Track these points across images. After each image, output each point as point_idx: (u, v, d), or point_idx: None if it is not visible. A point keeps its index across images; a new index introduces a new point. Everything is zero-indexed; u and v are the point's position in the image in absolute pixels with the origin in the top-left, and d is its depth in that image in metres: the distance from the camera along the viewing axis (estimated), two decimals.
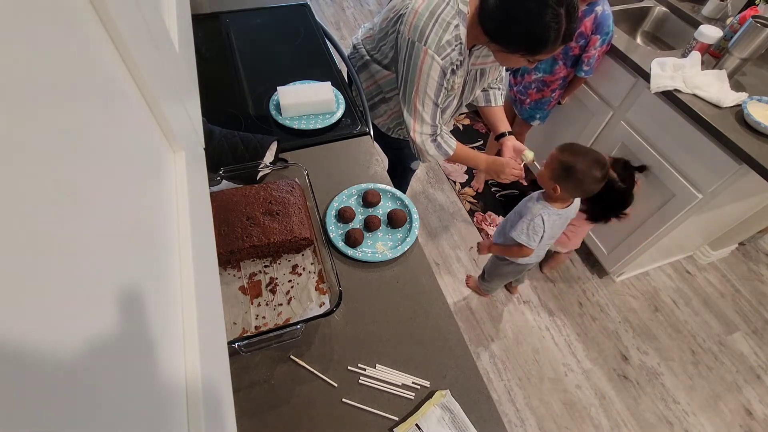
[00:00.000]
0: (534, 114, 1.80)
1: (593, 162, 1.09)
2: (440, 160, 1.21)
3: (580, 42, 1.48)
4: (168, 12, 0.49)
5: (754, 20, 1.31)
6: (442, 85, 1.03)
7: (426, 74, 1.00)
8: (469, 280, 1.89)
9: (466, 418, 0.74)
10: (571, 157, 1.10)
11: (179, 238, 0.38)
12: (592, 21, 1.43)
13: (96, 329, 0.21)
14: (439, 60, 0.97)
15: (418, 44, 0.97)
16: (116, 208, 0.27)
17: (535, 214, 1.20)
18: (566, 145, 1.15)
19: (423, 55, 0.97)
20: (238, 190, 0.91)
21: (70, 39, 0.24)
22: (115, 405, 0.23)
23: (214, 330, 0.42)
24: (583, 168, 1.08)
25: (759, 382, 1.74)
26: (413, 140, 1.14)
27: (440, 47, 0.96)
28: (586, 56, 1.51)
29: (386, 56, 1.13)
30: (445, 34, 0.95)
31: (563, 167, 1.11)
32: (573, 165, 1.09)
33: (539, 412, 1.59)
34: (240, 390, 0.74)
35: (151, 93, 0.35)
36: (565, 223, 1.28)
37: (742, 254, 2.16)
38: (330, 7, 3.37)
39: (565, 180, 1.12)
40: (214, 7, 1.50)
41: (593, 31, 1.44)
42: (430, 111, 1.08)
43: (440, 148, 1.17)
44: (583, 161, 1.08)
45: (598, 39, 1.45)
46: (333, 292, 0.80)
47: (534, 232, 1.22)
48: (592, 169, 1.08)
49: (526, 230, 1.22)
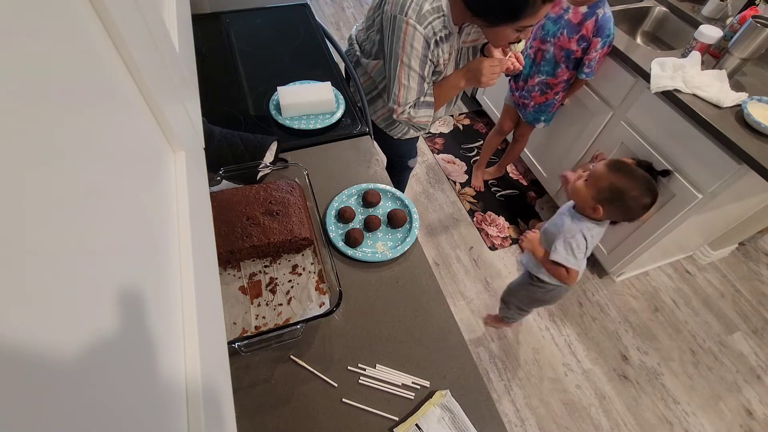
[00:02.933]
0: (538, 117, 1.80)
1: (647, 188, 0.99)
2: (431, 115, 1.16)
3: (582, 45, 1.49)
4: (168, 12, 0.49)
5: (754, 20, 1.31)
6: (426, 56, 1.02)
7: (410, 46, 0.99)
8: (487, 320, 1.76)
9: (466, 418, 0.74)
10: (625, 180, 0.99)
11: (179, 238, 0.38)
12: (593, 24, 1.43)
13: (95, 329, 0.21)
14: (421, 29, 0.96)
15: (400, 17, 0.97)
16: (116, 208, 0.27)
17: (575, 232, 1.09)
18: (618, 164, 1.03)
19: (405, 26, 0.97)
20: (238, 190, 0.91)
21: (69, 39, 0.24)
22: (115, 405, 0.23)
23: (214, 330, 0.42)
24: (636, 195, 0.98)
25: (759, 382, 1.74)
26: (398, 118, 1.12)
27: (421, 16, 0.95)
28: (587, 58, 1.51)
29: (374, 43, 1.13)
30: (425, 4, 0.95)
31: (613, 190, 1.00)
32: (625, 190, 0.98)
33: (539, 412, 1.59)
34: (240, 390, 0.74)
35: (151, 93, 0.35)
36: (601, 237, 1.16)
37: (742, 254, 2.16)
38: (330, 7, 3.37)
39: (611, 203, 1.01)
40: (214, 7, 1.50)
41: (594, 33, 1.44)
42: (416, 85, 1.05)
43: (421, 106, 1.13)
44: (637, 187, 0.98)
45: (599, 42, 1.45)
46: (333, 292, 0.80)
47: (579, 251, 1.09)
48: (644, 196, 0.98)
49: (571, 251, 1.09)
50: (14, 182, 0.17)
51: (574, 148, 1.90)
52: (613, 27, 1.44)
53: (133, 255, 0.28)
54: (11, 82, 0.18)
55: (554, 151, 2.05)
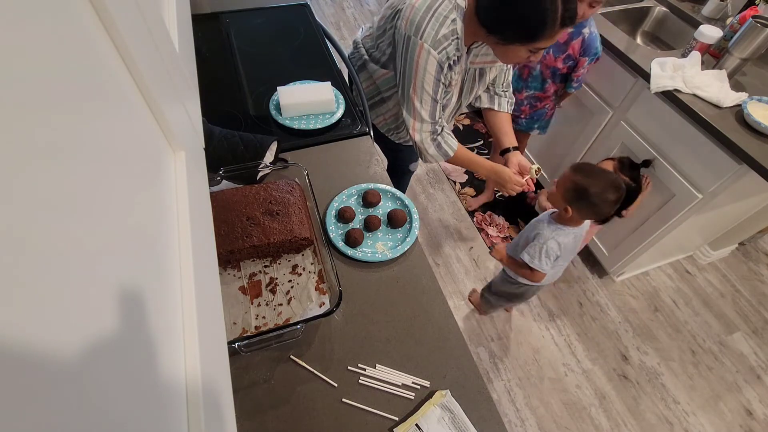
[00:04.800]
0: (531, 125, 1.80)
1: (609, 185, 1.04)
2: (440, 161, 1.19)
3: (568, 63, 1.50)
4: (168, 12, 0.49)
5: (754, 20, 1.31)
6: (439, 81, 1.02)
7: (423, 69, 0.99)
8: (472, 294, 1.86)
9: (466, 418, 0.74)
10: (585, 179, 1.05)
11: (179, 238, 0.38)
12: (579, 44, 1.43)
13: (96, 329, 0.21)
14: (436, 54, 0.96)
15: (414, 38, 0.96)
16: (116, 208, 0.27)
17: (547, 237, 1.16)
18: (580, 165, 1.10)
19: (419, 50, 0.97)
20: (238, 190, 0.91)
21: (69, 39, 0.24)
22: (115, 405, 0.23)
23: (214, 330, 0.42)
24: (597, 191, 1.03)
25: (759, 382, 1.74)
26: (413, 139, 1.13)
27: (436, 41, 0.95)
28: (575, 75, 1.53)
29: (384, 53, 1.13)
30: (441, 28, 0.95)
31: (576, 189, 1.06)
32: (587, 188, 1.04)
33: (539, 412, 1.59)
34: (240, 390, 0.74)
35: (151, 93, 0.35)
36: (579, 241, 1.24)
37: (742, 254, 2.16)
38: (330, 7, 3.37)
39: (578, 202, 1.07)
40: (214, 7, 1.50)
41: (581, 53, 1.45)
42: (429, 108, 1.07)
43: (440, 149, 1.16)
44: (598, 184, 1.03)
45: (586, 60, 1.46)
46: (333, 292, 0.80)
47: (547, 256, 1.16)
48: (606, 192, 1.03)
49: (539, 254, 1.17)
50: (14, 182, 0.17)
51: (574, 149, 1.90)
52: (599, 45, 1.46)
53: (133, 255, 0.28)
54: (11, 82, 0.18)
55: (554, 152, 2.05)
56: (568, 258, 1.28)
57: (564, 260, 1.26)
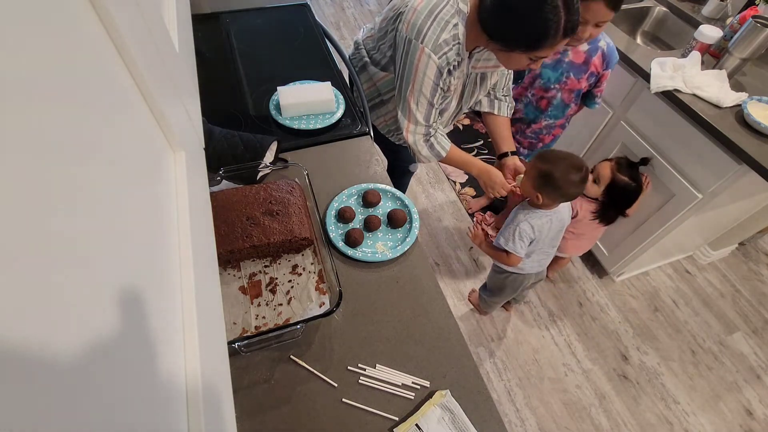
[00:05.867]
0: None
1: (570, 167, 1.08)
2: (434, 161, 1.20)
3: (591, 80, 1.44)
4: (168, 12, 0.49)
5: (754, 20, 1.31)
6: (438, 85, 1.02)
7: (422, 73, 0.99)
8: (472, 294, 1.86)
9: (466, 418, 0.74)
10: (548, 164, 1.10)
11: (179, 238, 0.38)
12: (600, 58, 1.37)
13: (96, 329, 0.21)
14: (436, 59, 0.96)
15: (415, 42, 0.96)
16: (116, 208, 0.27)
17: (520, 220, 1.21)
18: (542, 152, 1.15)
19: (419, 54, 0.97)
20: (238, 190, 0.91)
21: (69, 39, 0.24)
22: (115, 405, 0.23)
23: (214, 330, 0.42)
24: (560, 174, 1.08)
25: (759, 382, 1.74)
26: (406, 140, 1.14)
27: (437, 46, 0.95)
28: (597, 90, 1.48)
29: (384, 55, 1.13)
30: (443, 33, 0.95)
31: (541, 175, 1.11)
32: (550, 172, 1.09)
33: (539, 412, 1.59)
34: (240, 390, 0.74)
35: (151, 93, 0.35)
36: (562, 227, 1.27)
37: (742, 254, 2.16)
38: (330, 7, 3.36)
39: (545, 187, 1.12)
40: (214, 7, 1.50)
41: (604, 67, 1.40)
42: (425, 111, 1.07)
43: (433, 149, 1.16)
44: (559, 167, 1.08)
45: (609, 72, 1.41)
46: (333, 292, 0.80)
47: (521, 238, 1.21)
48: (569, 174, 1.08)
49: (512, 237, 1.22)
50: (14, 182, 0.17)
51: (573, 149, 1.90)
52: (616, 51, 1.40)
53: (133, 255, 0.28)
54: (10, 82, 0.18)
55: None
56: (550, 244, 1.30)
57: (544, 245, 1.29)
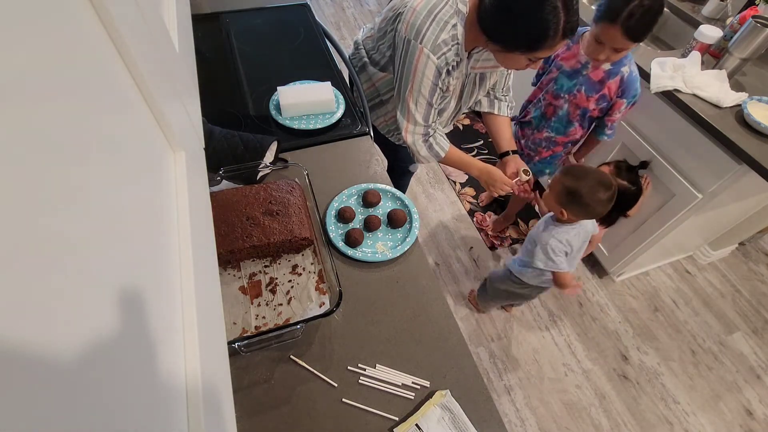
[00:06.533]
0: (543, 169, 1.66)
1: (598, 184, 1.05)
2: (433, 161, 1.20)
3: (602, 105, 1.35)
4: (168, 12, 0.49)
5: (754, 20, 1.31)
6: (437, 85, 1.02)
7: (421, 73, 0.99)
8: (471, 294, 1.84)
9: (466, 418, 0.74)
10: (574, 180, 1.07)
11: (179, 238, 0.38)
12: (617, 84, 1.29)
13: (96, 329, 0.21)
14: (435, 59, 0.96)
15: (414, 42, 0.96)
16: (116, 208, 0.27)
17: (546, 240, 1.18)
18: (569, 168, 1.12)
19: (419, 54, 0.97)
20: (238, 190, 0.91)
21: (69, 39, 0.24)
22: (115, 405, 0.23)
23: (214, 330, 0.42)
24: (587, 191, 1.05)
25: (759, 382, 1.74)
26: (405, 140, 1.14)
27: (436, 46, 0.95)
28: (609, 120, 1.39)
29: (384, 56, 1.13)
30: (442, 33, 0.95)
31: (567, 192, 1.07)
32: (577, 189, 1.05)
33: (539, 412, 1.59)
34: (240, 390, 0.74)
35: (151, 93, 0.35)
36: (587, 235, 1.24)
37: (742, 254, 2.16)
38: (330, 7, 3.36)
39: (571, 204, 1.09)
40: (214, 7, 1.50)
41: (619, 95, 1.31)
42: (423, 111, 1.07)
43: (432, 149, 1.16)
44: (587, 184, 1.05)
45: (623, 103, 1.32)
46: (333, 292, 0.80)
47: (555, 254, 1.18)
48: (597, 192, 1.05)
49: (549, 256, 1.18)
50: (14, 182, 0.17)
51: None
52: (639, 87, 1.31)
53: (132, 255, 0.28)
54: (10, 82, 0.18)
55: None
56: (581, 251, 1.28)
57: (577, 252, 1.26)
